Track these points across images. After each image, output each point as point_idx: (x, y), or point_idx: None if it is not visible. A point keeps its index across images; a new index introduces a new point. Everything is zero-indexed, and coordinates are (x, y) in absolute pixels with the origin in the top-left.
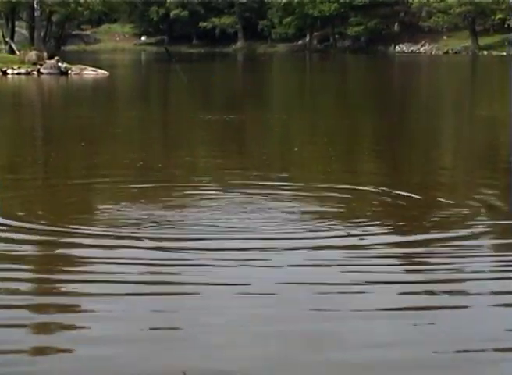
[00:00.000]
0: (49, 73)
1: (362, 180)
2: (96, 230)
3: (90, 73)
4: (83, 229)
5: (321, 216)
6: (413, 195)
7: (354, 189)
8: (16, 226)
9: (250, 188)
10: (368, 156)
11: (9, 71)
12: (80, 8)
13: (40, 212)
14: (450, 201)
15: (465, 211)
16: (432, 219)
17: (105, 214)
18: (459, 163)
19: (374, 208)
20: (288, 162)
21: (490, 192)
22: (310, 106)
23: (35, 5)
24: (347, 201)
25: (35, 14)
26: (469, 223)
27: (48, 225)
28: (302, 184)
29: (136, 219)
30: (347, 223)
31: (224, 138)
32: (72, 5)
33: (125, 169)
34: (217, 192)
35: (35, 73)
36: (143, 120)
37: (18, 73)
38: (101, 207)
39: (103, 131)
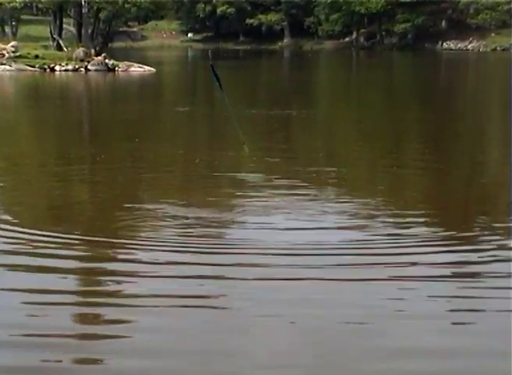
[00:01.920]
0: (96, 70)
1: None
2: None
3: (137, 69)
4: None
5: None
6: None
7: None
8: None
9: (307, 190)
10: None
11: (57, 68)
12: (127, 5)
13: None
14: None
15: None
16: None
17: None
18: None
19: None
20: (344, 160)
21: None
22: (359, 104)
23: (83, 3)
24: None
25: (83, 11)
26: None
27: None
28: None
29: (190, 228)
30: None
31: (275, 134)
32: (120, 2)
33: (183, 166)
34: (273, 194)
35: (82, 69)
36: (193, 116)
37: (65, 70)
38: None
39: (154, 127)
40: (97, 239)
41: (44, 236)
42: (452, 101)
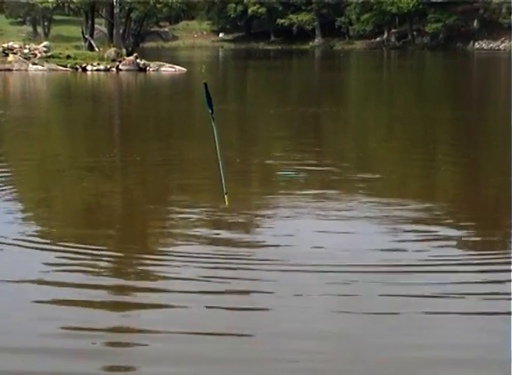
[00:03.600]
0: (128, 70)
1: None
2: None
3: (168, 69)
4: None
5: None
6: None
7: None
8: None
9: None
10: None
11: (89, 67)
12: (158, 6)
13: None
14: None
15: None
16: None
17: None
18: None
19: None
20: (378, 161)
21: None
22: (392, 104)
23: (114, 3)
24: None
25: (114, 11)
26: None
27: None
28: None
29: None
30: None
31: (306, 132)
32: (151, 2)
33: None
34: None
35: (114, 69)
36: (228, 114)
37: (97, 70)
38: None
39: (191, 125)
40: (121, 254)
41: (71, 247)
42: (485, 101)
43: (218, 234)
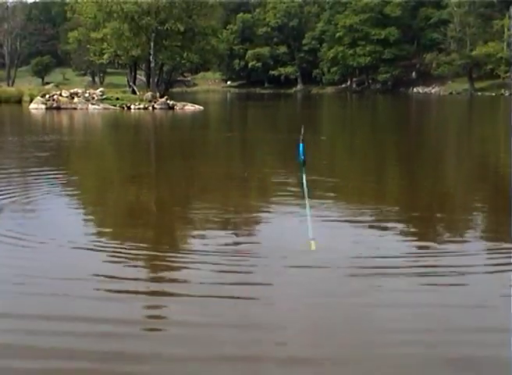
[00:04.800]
0: (161, 108)
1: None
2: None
3: (190, 107)
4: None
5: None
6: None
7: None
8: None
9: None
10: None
11: (132, 106)
12: (183, 61)
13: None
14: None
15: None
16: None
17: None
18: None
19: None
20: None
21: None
22: (352, 131)
23: (151, 59)
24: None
25: (151, 65)
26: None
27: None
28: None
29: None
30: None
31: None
32: (178, 59)
33: (234, 178)
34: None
35: (150, 108)
36: (238, 139)
37: (138, 108)
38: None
39: (204, 148)
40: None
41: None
42: (418, 129)
43: (227, 233)
